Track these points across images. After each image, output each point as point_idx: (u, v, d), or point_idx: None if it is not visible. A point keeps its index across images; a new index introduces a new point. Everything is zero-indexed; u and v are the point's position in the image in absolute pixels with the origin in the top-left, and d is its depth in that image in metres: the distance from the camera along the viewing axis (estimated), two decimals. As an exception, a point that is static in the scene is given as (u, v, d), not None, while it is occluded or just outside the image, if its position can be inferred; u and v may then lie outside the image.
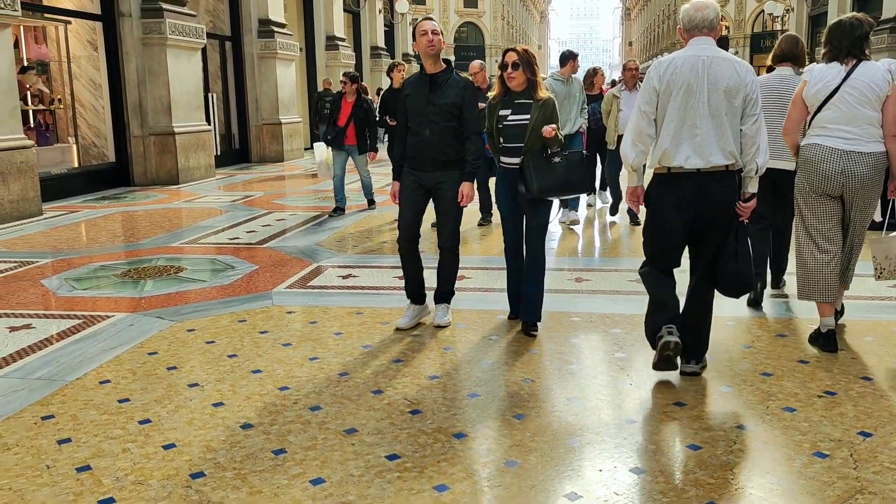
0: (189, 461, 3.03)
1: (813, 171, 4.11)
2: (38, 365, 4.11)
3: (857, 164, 4.00)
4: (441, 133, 4.41)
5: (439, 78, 4.46)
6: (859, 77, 3.98)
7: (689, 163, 3.54)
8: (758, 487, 2.77)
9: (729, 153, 3.54)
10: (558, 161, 4.32)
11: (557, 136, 4.33)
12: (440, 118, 4.41)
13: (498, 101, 4.51)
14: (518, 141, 4.39)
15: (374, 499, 2.73)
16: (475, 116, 4.50)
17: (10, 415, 3.48)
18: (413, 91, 4.54)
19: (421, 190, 4.57)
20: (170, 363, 4.13)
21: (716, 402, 3.53)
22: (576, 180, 4.41)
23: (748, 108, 3.54)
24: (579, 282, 5.80)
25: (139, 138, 12.44)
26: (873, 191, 4.08)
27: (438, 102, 4.41)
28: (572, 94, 7.88)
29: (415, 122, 4.49)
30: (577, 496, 2.73)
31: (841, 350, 4.17)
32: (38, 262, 6.74)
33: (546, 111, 4.39)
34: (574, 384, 3.79)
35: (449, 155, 4.46)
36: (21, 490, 2.82)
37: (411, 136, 4.53)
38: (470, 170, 4.48)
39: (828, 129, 4.07)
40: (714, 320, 4.57)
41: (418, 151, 4.50)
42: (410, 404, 3.55)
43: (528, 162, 4.33)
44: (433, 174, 4.49)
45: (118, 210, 9.99)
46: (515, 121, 4.40)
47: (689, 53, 3.59)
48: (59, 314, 5.11)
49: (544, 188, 4.30)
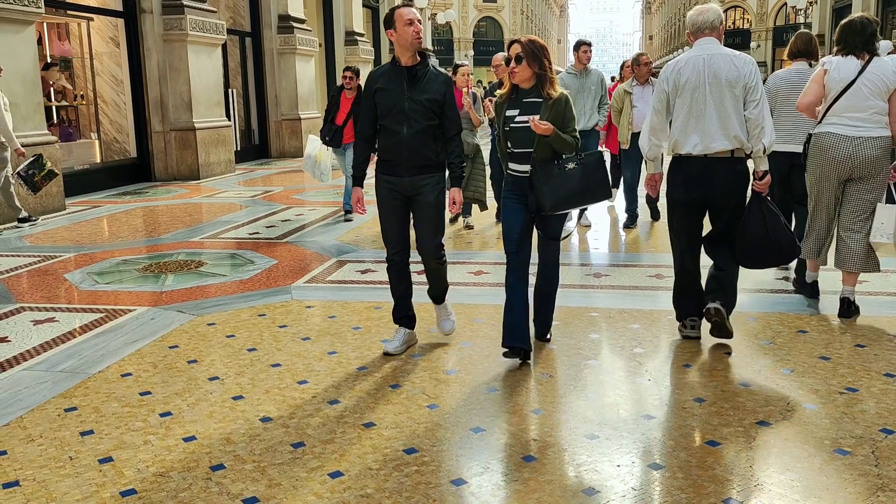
0: (209, 453, 3.06)
1: (824, 156, 4.60)
2: (62, 358, 4.17)
3: (864, 148, 4.49)
4: (420, 133, 3.92)
5: (418, 71, 3.96)
6: (873, 71, 4.46)
7: (696, 149, 4.00)
8: (777, 484, 2.75)
9: (734, 138, 3.94)
10: (572, 168, 3.80)
11: (559, 135, 3.74)
12: (420, 116, 3.90)
13: (505, 100, 3.96)
14: (528, 145, 3.83)
15: (392, 492, 2.75)
16: (457, 115, 4.10)
17: (35, 406, 3.53)
18: (387, 85, 3.96)
19: (399, 197, 4.06)
20: (190, 357, 4.16)
21: (735, 399, 3.51)
22: (594, 187, 3.87)
23: (749, 95, 3.93)
24: (598, 277, 5.79)
25: (160, 134, 12.55)
26: (880, 169, 4.54)
27: (418, 99, 3.90)
28: (587, 88, 7.45)
29: (390, 120, 3.94)
30: (594, 491, 2.73)
31: (863, 347, 4.13)
32: (61, 256, 6.82)
33: (558, 111, 3.79)
34: (592, 379, 3.79)
35: (428, 157, 3.99)
36: (45, 481, 2.86)
37: (385, 137, 3.99)
38: (458, 174, 4.06)
39: (841, 118, 4.53)
40: (734, 316, 4.57)
41: (394, 154, 3.98)
42: (428, 399, 3.56)
43: (536, 173, 3.80)
44: (410, 179, 3.99)
45: (139, 205, 10.08)
46: (524, 122, 3.81)
47: (693, 54, 4.07)
48: (81, 308, 5.17)
49: (557, 202, 3.80)
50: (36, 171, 8.01)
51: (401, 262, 4.17)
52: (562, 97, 3.82)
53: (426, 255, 4.14)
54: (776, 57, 29.71)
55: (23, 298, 5.41)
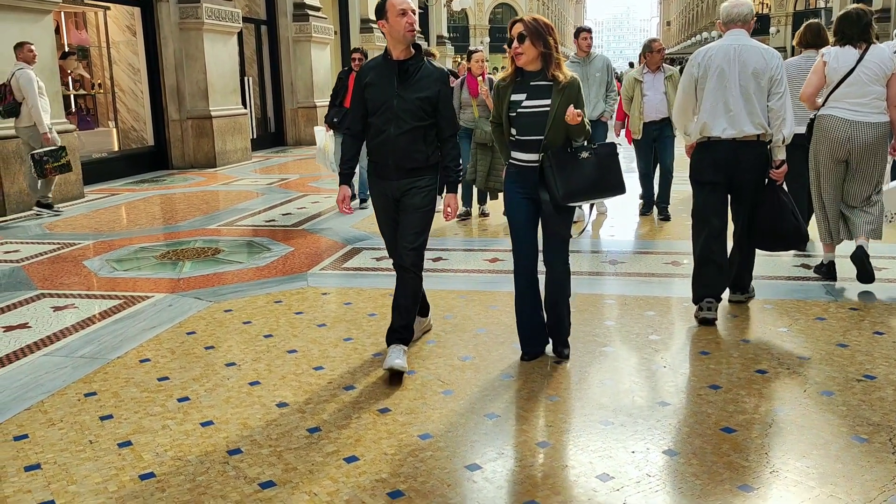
0: (226, 438, 3.09)
1: (824, 137, 4.92)
2: (81, 343, 4.21)
3: (861, 132, 4.80)
4: (409, 134, 3.61)
5: (410, 66, 3.64)
6: (871, 59, 4.78)
7: (726, 133, 4.20)
8: (793, 471, 2.75)
9: (758, 124, 4.18)
10: (586, 157, 3.55)
11: (584, 123, 3.51)
12: (410, 116, 3.60)
13: (509, 83, 3.64)
14: (536, 132, 3.55)
15: (407, 477, 2.76)
16: (453, 114, 3.81)
17: (55, 391, 3.58)
18: (377, 80, 3.67)
19: (389, 201, 3.78)
20: (207, 343, 4.20)
21: (752, 386, 3.50)
22: (609, 179, 3.60)
23: (773, 87, 4.16)
24: (613, 264, 5.77)
25: (177, 122, 12.61)
26: (876, 153, 4.85)
27: (409, 97, 3.60)
28: (591, 76, 7.16)
29: (378, 118, 3.65)
30: (608, 477, 2.73)
31: (882, 334, 4.10)
32: (80, 243, 6.89)
33: (570, 95, 3.53)
34: (607, 366, 3.78)
35: (417, 160, 3.67)
36: (65, 464, 2.91)
37: (372, 136, 3.71)
38: (455, 178, 3.80)
39: (842, 103, 4.85)
40: (752, 303, 4.56)
41: (381, 155, 3.70)
42: (444, 385, 3.57)
43: (549, 160, 3.54)
44: (398, 182, 3.70)
45: (157, 193, 10.15)
46: (532, 107, 3.56)
47: (724, 43, 4.28)
48: (100, 294, 5.23)
49: (572, 191, 3.53)
50: (50, 159, 8.07)
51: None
52: (574, 81, 3.57)
53: (404, 259, 3.75)
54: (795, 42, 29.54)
55: (43, 285, 5.47)
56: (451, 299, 4.88)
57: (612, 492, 2.64)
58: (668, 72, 7.35)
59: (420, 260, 3.78)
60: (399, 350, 3.70)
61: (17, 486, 2.76)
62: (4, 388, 3.63)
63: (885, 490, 2.60)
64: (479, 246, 6.53)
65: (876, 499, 2.55)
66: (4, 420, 3.29)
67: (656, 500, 2.58)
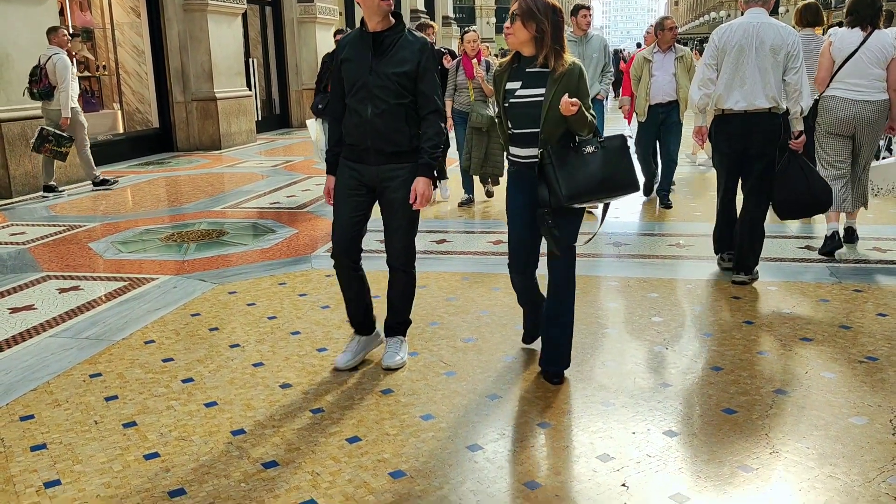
0: (230, 419, 3.12)
1: (830, 117, 5.22)
2: (87, 325, 4.24)
3: (865, 110, 5.13)
4: (389, 113, 3.28)
5: (386, 38, 3.31)
6: (873, 43, 5.09)
7: (738, 105, 4.50)
8: (793, 452, 2.76)
9: (771, 97, 4.46)
10: (591, 151, 3.15)
11: (584, 113, 3.11)
12: (387, 93, 3.27)
13: (505, 70, 3.31)
14: (531, 125, 3.19)
15: (409, 457, 2.79)
16: (435, 90, 3.38)
17: (61, 372, 3.61)
18: (352, 55, 3.34)
19: (362, 189, 3.43)
20: (212, 324, 4.22)
21: (753, 367, 3.50)
22: (619, 176, 3.19)
23: (790, 63, 4.45)
24: (617, 246, 5.76)
25: (182, 104, 12.60)
26: (878, 129, 5.23)
27: (385, 72, 3.26)
28: (587, 56, 6.86)
29: (354, 97, 3.33)
30: (609, 457, 2.75)
31: (885, 316, 4.10)
32: (85, 225, 6.91)
33: (569, 83, 3.13)
34: (610, 348, 3.79)
35: (399, 143, 3.33)
36: (71, 444, 2.94)
37: (350, 117, 3.37)
38: (427, 161, 3.36)
39: (844, 84, 5.16)
40: (755, 285, 4.56)
41: (358, 137, 3.35)
42: (446, 366, 3.59)
43: (549, 157, 3.14)
44: (378, 168, 3.37)
45: (162, 175, 10.16)
46: (526, 97, 3.19)
47: (744, 21, 4.58)
48: (105, 276, 5.25)
49: (575, 191, 3.12)
50: (54, 141, 8.21)
51: (346, 264, 3.54)
52: (575, 68, 3.16)
53: (393, 261, 3.55)
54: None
55: (48, 267, 5.50)
56: (455, 281, 4.89)
57: (613, 472, 2.66)
58: (680, 52, 7.04)
59: (412, 257, 3.56)
60: (397, 343, 3.65)
61: (23, 465, 2.79)
62: (11, 369, 3.66)
63: (883, 470, 2.61)
64: (482, 228, 6.52)
65: (875, 479, 2.56)
66: (11, 400, 3.32)
67: (656, 481, 2.59)
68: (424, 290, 4.73)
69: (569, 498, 2.52)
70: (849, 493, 2.49)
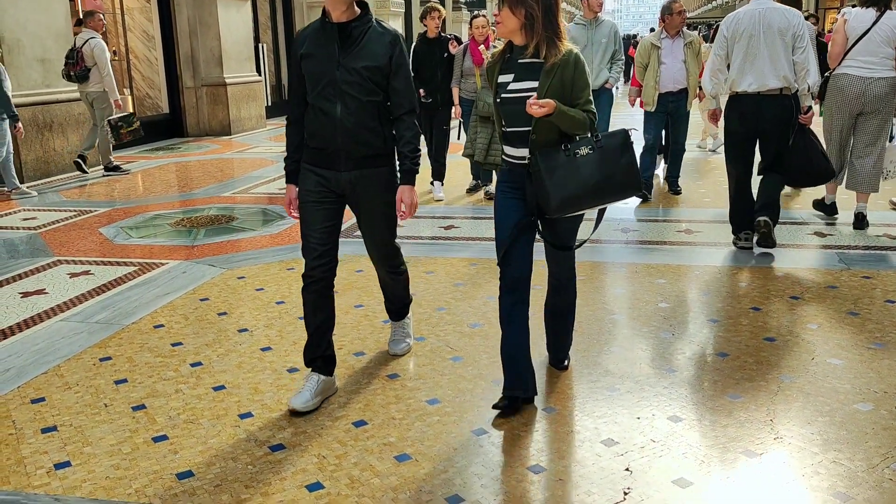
0: (238, 402, 3.15)
1: (840, 94, 5.52)
2: (97, 309, 4.28)
3: (874, 86, 5.42)
4: (360, 111, 2.97)
5: (354, 29, 2.97)
6: (885, 22, 5.37)
7: (751, 87, 4.77)
8: (797, 437, 2.76)
9: (782, 77, 4.73)
10: (585, 153, 2.81)
11: (565, 114, 2.75)
12: (358, 90, 2.95)
13: (497, 61, 2.97)
14: (523, 122, 2.83)
15: (415, 441, 2.81)
16: (410, 87, 3.08)
17: (71, 356, 3.65)
18: (314, 49, 3.01)
19: (331, 196, 3.08)
20: (220, 309, 4.25)
21: (760, 353, 3.50)
22: (617, 178, 2.84)
23: (797, 43, 4.72)
24: (625, 232, 5.75)
25: (192, 89, 12.61)
26: (887, 104, 5.45)
27: (354, 66, 2.94)
28: (596, 41, 6.59)
29: (319, 95, 2.99)
30: (613, 442, 2.76)
31: (893, 303, 4.09)
32: (96, 211, 6.95)
33: (564, 77, 2.79)
34: (616, 333, 3.80)
35: (372, 145, 3.03)
36: (81, 426, 2.98)
37: (314, 118, 3.03)
38: (410, 167, 3.08)
39: (856, 61, 5.45)
40: (763, 272, 4.56)
41: (326, 139, 3.02)
42: (452, 351, 3.61)
43: (537, 163, 2.81)
44: (350, 175, 3.05)
45: (172, 160, 10.19)
46: (518, 91, 2.84)
47: (749, 8, 4.87)
48: (115, 261, 5.29)
49: (565, 202, 2.81)
50: (124, 124, 8.69)
51: (322, 281, 3.11)
52: (569, 58, 2.80)
53: (376, 264, 3.39)
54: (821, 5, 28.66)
55: (59, 252, 5.55)
56: (462, 267, 4.90)
57: (617, 456, 2.67)
58: (689, 37, 6.73)
59: (395, 258, 3.38)
60: (401, 329, 3.63)
61: (34, 447, 2.83)
62: (22, 352, 3.71)
63: (888, 456, 2.62)
64: (490, 214, 6.50)
65: (879, 465, 2.57)
66: (22, 383, 3.36)
67: (660, 465, 2.61)
68: (432, 275, 4.75)
69: (572, 482, 2.53)
70: (852, 479, 2.50)
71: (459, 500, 2.45)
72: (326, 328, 3.18)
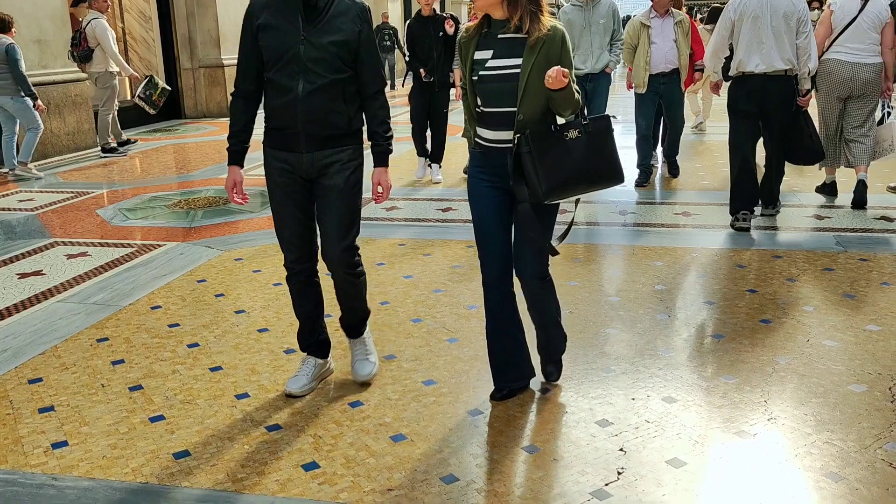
0: (234, 383, 3.16)
1: (829, 78, 5.68)
2: (94, 290, 4.29)
3: (861, 72, 5.61)
4: (324, 91, 2.76)
5: (319, 0, 2.79)
6: (871, 9, 5.57)
7: (758, 68, 4.94)
8: (790, 418, 2.78)
9: (787, 60, 4.92)
10: (575, 136, 2.66)
11: (572, 91, 2.60)
12: (324, 67, 2.74)
13: (472, 36, 2.74)
14: (506, 102, 2.66)
15: (410, 421, 2.82)
16: (379, 63, 2.93)
17: (69, 337, 3.66)
18: (274, 20, 2.78)
19: (298, 185, 2.91)
20: (218, 290, 4.26)
21: (755, 335, 3.51)
22: (604, 164, 2.71)
23: (801, 28, 4.90)
24: (623, 214, 5.75)
25: (189, 71, 12.55)
26: (873, 90, 5.67)
27: (321, 41, 2.73)
28: (594, 22, 6.35)
29: (279, 71, 2.78)
30: (608, 422, 2.78)
31: (889, 285, 4.09)
32: (93, 192, 6.95)
33: (550, 53, 2.61)
34: (612, 316, 3.81)
35: (337, 125, 2.83)
36: (78, 406, 2.99)
37: (273, 95, 2.85)
38: (385, 148, 2.94)
39: (844, 47, 5.63)
40: (760, 254, 4.56)
41: (286, 120, 2.83)
42: (448, 332, 3.62)
43: (527, 144, 2.63)
44: (311, 156, 2.84)
45: (169, 142, 10.17)
46: (499, 69, 2.66)
47: None
48: (113, 243, 5.29)
49: (558, 185, 2.63)
50: (152, 91, 8.94)
51: (304, 273, 3.05)
52: (556, 33, 2.63)
53: (332, 263, 2.97)
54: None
55: (57, 233, 5.54)
56: (459, 249, 4.90)
57: (611, 437, 2.69)
58: (678, 17, 6.52)
59: (353, 257, 2.98)
60: (362, 345, 3.19)
61: (31, 426, 2.85)
62: (19, 333, 3.72)
63: (880, 437, 2.63)
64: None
65: (871, 445, 2.58)
66: (20, 364, 3.37)
67: (654, 446, 2.62)
68: (429, 257, 4.75)
69: (567, 462, 2.55)
70: (844, 459, 2.51)
71: (454, 479, 2.47)
72: (316, 315, 3.14)
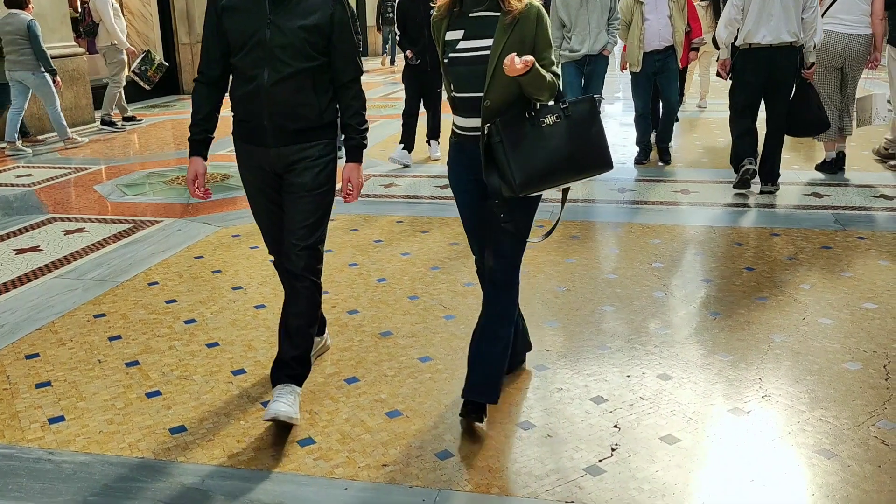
0: (231, 359, 3.17)
1: (823, 49, 5.68)
2: (92, 266, 4.29)
3: (853, 43, 5.81)
4: (292, 80, 2.56)
5: None
6: None
7: (765, 39, 5.14)
8: (784, 395, 2.79)
9: (793, 32, 5.13)
10: (552, 123, 2.45)
11: (538, 73, 2.34)
12: (292, 54, 2.54)
13: (443, 15, 2.54)
14: (477, 88, 2.45)
15: (406, 397, 2.83)
16: (354, 49, 2.68)
17: (66, 312, 3.66)
18: (239, 2, 2.59)
19: (267, 176, 2.72)
20: (215, 267, 4.26)
21: (752, 313, 3.51)
22: (587, 151, 2.50)
23: (807, 3, 5.13)
24: (622, 192, 5.73)
25: (187, 46, 12.46)
26: (864, 60, 5.90)
27: (289, 25, 2.53)
28: (592, 0, 6.07)
29: (244, 58, 2.59)
30: (602, 399, 2.79)
31: (886, 263, 4.09)
32: (91, 168, 6.92)
33: (524, 33, 2.40)
34: (609, 293, 3.81)
35: (306, 118, 2.62)
36: (75, 382, 3.00)
37: (239, 84, 2.66)
38: (359, 143, 2.73)
39: (836, 18, 5.79)
40: (758, 232, 4.55)
41: (251, 111, 2.63)
42: (445, 310, 3.62)
43: (497, 133, 2.41)
44: (278, 151, 2.64)
45: (167, 118, 10.11)
46: (469, 50, 2.47)
47: None
48: (110, 219, 5.28)
49: (531, 177, 2.41)
50: (147, 66, 8.99)
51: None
52: (531, 10, 2.41)
53: (292, 264, 2.70)
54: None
55: (55, 209, 5.53)
56: (457, 227, 4.87)
57: (605, 413, 2.70)
58: None
59: (317, 261, 2.74)
60: (288, 393, 2.64)
61: (28, 401, 2.86)
62: (17, 308, 3.72)
63: (873, 414, 2.64)
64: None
65: (864, 423, 2.60)
66: (17, 339, 3.38)
67: (648, 423, 2.63)
68: (427, 234, 4.75)
69: (561, 438, 2.56)
70: (837, 436, 2.52)
71: (449, 455, 2.48)
72: None
